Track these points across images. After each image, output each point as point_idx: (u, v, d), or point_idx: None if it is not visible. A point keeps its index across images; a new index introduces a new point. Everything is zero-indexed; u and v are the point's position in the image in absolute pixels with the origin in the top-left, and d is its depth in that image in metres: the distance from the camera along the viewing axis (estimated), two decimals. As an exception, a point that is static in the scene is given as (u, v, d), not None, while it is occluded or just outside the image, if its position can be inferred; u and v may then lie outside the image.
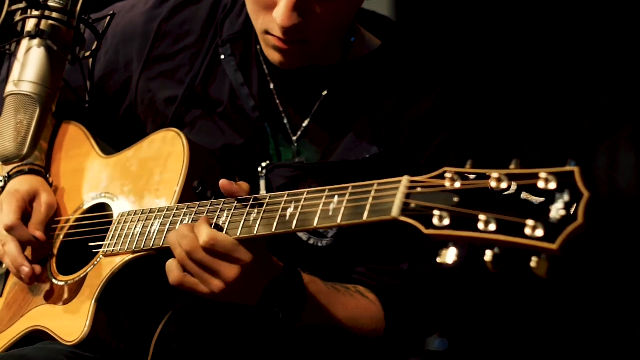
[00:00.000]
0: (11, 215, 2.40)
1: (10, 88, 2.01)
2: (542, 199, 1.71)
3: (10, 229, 2.38)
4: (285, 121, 2.42)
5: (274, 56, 2.29)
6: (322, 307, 2.24)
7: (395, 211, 1.82)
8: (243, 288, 2.11)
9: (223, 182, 2.10)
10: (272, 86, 2.43)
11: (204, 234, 2.07)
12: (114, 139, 2.60)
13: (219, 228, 2.10)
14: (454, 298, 2.42)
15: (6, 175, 2.54)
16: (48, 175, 2.56)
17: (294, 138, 2.42)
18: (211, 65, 2.46)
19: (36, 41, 2.01)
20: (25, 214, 2.44)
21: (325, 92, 2.41)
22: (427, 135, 2.37)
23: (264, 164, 2.40)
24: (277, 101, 2.42)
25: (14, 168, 2.54)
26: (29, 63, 2.00)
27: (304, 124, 2.41)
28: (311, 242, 2.37)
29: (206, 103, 2.45)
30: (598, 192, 2.92)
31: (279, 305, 2.17)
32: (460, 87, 2.42)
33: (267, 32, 2.25)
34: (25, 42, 2.02)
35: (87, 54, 2.07)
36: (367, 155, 2.36)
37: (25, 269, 2.36)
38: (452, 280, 2.39)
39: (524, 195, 1.72)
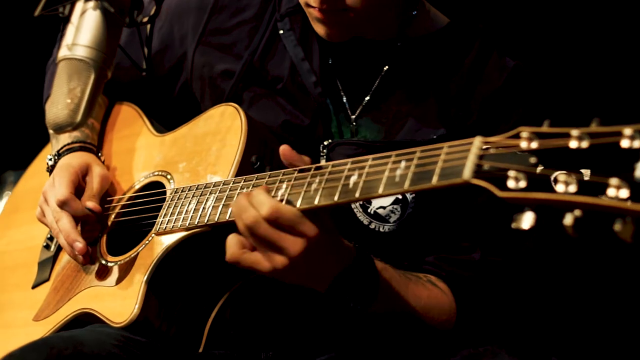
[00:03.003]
0: (63, 188, 2.39)
1: (63, 52, 2.01)
2: (625, 158, 1.67)
3: (62, 204, 2.38)
4: (345, 99, 2.41)
5: (319, 29, 2.30)
6: (394, 296, 2.20)
7: (467, 173, 1.79)
8: (309, 266, 2.04)
9: (284, 147, 2.07)
10: (330, 61, 2.42)
11: (266, 205, 2.00)
12: (168, 118, 2.61)
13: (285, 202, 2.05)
14: (525, 290, 2.39)
15: (55, 153, 2.55)
16: (100, 154, 2.57)
17: (353, 116, 2.41)
18: (270, 40, 2.46)
19: (91, 3, 2.01)
20: (79, 189, 2.44)
21: (386, 68, 2.39)
22: (498, 116, 2.35)
23: (325, 142, 2.39)
24: (336, 77, 2.41)
25: (64, 147, 2.56)
26: (84, 26, 2.00)
27: (364, 102, 2.40)
28: (372, 226, 2.34)
29: (265, 79, 2.45)
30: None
31: (351, 294, 2.11)
32: (530, 66, 2.40)
33: (307, 5, 2.27)
34: (79, 5, 2.03)
35: (145, 19, 2.06)
36: (434, 136, 2.34)
37: (79, 244, 2.35)
38: (524, 271, 2.36)
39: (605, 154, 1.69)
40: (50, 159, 2.55)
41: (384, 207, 2.33)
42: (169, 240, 2.26)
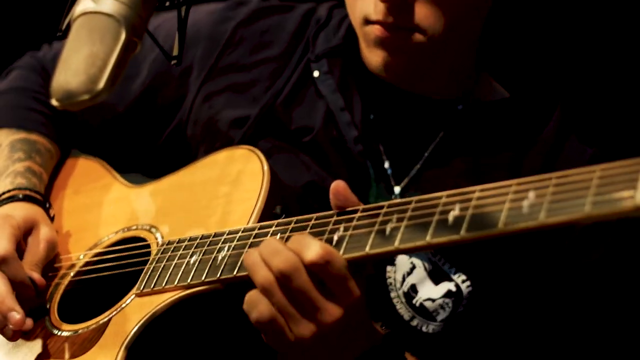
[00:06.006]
0: (4, 243, 1.89)
1: (86, 5, 1.54)
2: None
3: (1, 261, 1.87)
4: (387, 164, 2.01)
5: (374, 56, 1.93)
6: None
7: None
8: (340, 340, 1.64)
9: (339, 183, 1.68)
10: (371, 117, 2.03)
11: (315, 246, 1.59)
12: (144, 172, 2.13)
13: None
14: None
15: None
16: (48, 205, 2.05)
17: (397, 187, 2.00)
18: (299, 84, 2.07)
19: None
20: (19, 249, 1.93)
21: (442, 133, 2.02)
22: None
23: None
24: (378, 137, 2.02)
25: (4, 193, 2.04)
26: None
27: (413, 171, 2.01)
28: (414, 323, 1.93)
29: (287, 129, 2.04)
30: None
31: None
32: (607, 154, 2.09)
33: (366, 21, 1.91)
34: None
35: (181, -1, 1.65)
36: None
37: (16, 315, 1.84)
38: None
39: None
40: None
41: (432, 300, 1.92)
42: (158, 301, 1.73)
